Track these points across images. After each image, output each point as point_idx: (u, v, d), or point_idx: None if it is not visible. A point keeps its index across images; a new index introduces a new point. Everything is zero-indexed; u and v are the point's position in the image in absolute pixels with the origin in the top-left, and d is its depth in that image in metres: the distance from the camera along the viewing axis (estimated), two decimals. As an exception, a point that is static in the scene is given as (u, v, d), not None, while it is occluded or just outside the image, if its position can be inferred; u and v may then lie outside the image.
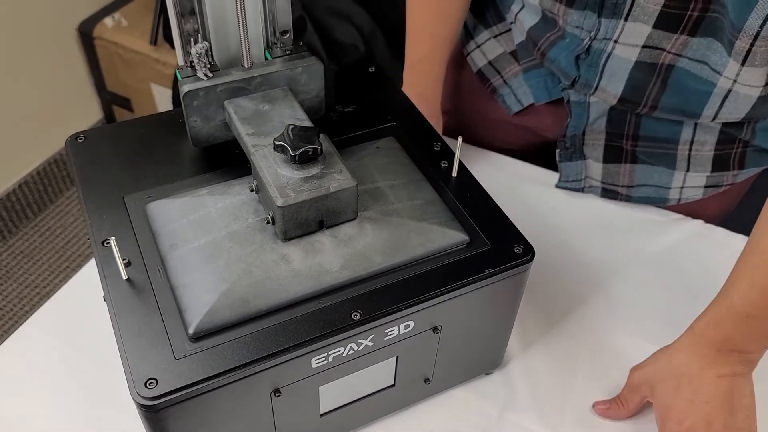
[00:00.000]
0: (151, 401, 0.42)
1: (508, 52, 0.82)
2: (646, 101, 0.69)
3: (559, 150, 0.79)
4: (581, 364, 0.65)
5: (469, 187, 0.58)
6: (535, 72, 0.79)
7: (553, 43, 0.71)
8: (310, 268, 0.49)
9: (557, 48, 0.71)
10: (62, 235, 1.73)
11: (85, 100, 1.84)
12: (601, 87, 0.70)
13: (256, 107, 0.54)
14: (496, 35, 0.83)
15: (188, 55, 0.53)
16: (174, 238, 0.50)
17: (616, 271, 0.73)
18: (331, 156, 0.51)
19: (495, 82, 0.83)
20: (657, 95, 0.68)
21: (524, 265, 0.52)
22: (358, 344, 0.49)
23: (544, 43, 0.72)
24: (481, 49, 0.84)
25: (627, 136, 0.75)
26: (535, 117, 0.82)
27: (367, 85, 0.68)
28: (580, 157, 0.79)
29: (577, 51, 0.69)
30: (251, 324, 0.47)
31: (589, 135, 0.77)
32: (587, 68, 0.69)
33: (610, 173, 0.78)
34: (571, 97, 0.75)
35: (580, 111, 0.75)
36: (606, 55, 0.67)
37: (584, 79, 0.70)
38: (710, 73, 0.64)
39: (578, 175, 0.80)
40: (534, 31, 0.74)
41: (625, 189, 0.79)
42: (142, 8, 1.76)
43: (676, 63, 0.65)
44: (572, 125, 0.77)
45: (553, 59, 0.72)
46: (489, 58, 0.83)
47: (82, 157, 0.58)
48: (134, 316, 0.47)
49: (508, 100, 0.82)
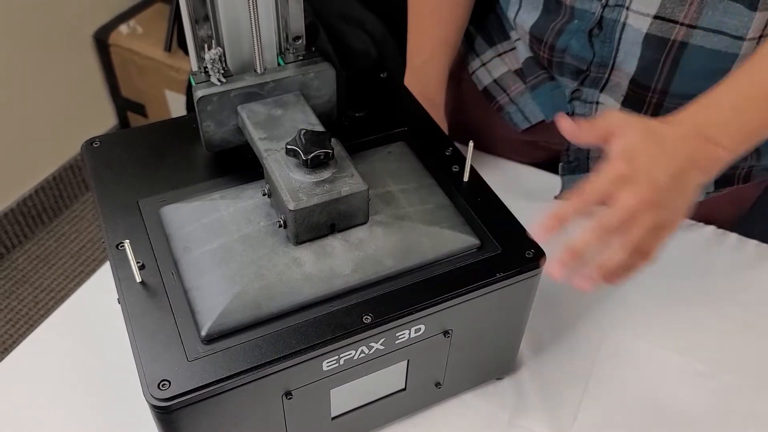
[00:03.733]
0: (164, 402, 0.43)
1: (512, 70, 0.82)
2: (657, 84, 0.67)
3: (562, 164, 0.79)
4: (592, 370, 0.65)
5: (480, 191, 0.58)
6: (542, 89, 0.78)
7: (561, 31, 0.70)
8: (322, 271, 0.49)
9: (566, 35, 0.70)
10: (77, 240, 1.74)
11: (100, 106, 1.86)
12: (617, 65, 0.68)
13: (269, 112, 0.55)
14: (500, 54, 0.83)
15: (202, 60, 0.54)
16: (187, 242, 0.51)
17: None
18: (342, 160, 0.51)
19: (501, 100, 0.83)
20: (668, 77, 0.66)
21: (535, 269, 0.52)
22: (369, 347, 0.49)
23: (550, 34, 0.71)
24: (486, 68, 0.84)
25: None
26: (544, 131, 0.82)
27: (378, 90, 0.68)
28: (584, 171, 0.78)
29: (589, 26, 0.67)
30: (263, 327, 0.47)
31: (595, 150, 0.76)
32: (602, 45, 0.67)
33: None
34: (576, 110, 0.74)
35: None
36: (620, 27, 0.65)
37: (599, 58, 0.68)
38: (729, 42, 0.61)
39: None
40: (537, 28, 0.72)
41: None
42: (157, 16, 1.78)
43: (689, 39, 0.62)
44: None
45: (563, 48, 0.71)
46: (494, 77, 0.83)
47: (97, 162, 0.59)
48: (148, 319, 0.47)
49: (515, 117, 0.82)
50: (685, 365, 0.66)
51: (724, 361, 0.66)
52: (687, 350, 0.67)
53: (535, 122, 0.81)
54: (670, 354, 0.66)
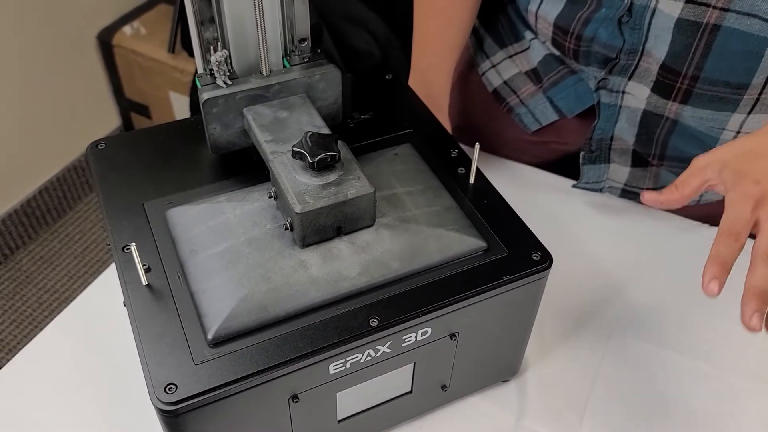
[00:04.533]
0: (171, 406, 0.43)
1: (523, 72, 0.81)
2: (688, 70, 0.66)
3: (583, 153, 0.79)
4: (599, 372, 0.65)
5: (486, 193, 0.58)
6: (563, 84, 0.78)
7: (588, 20, 0.69)
8: (328, 274, 0.49)
9: (593, 23, 0.69)
10: (81, 240, 1.74)
11: (103, 108, 1.86)
12: (647, 51, 0.67)
13: (275, 114, 0.55)
14: (511, 55, 0.82)
15: (208, 62, 0.53)
16: (193, 244, 0.51)
17: (635, 278, 0.73)
18: (349, 163, 0.51)
19: (511, 101, 0.83)
20: (700, 62, 0.64)
21: (542, 272, 0.52)
22: (376, 350, 0.49)
23: (577, 24, 0.70)
24: (496, 69, 0.84)
25: (654, 155, 0.74)
26: (554, 132, 0.82)
27: (384, 92, 0.68)
28: (605, 161, 0.78)
29: (619, 13, 0.66)
30: (269, 330, 0.47)
31: (617, 141, 0.76)
32: (631, 32, 0.67)
33: (636, 177, 0.78)
34: (602, 99, 0.73)
35: (609, 114, 0.74)
36: (650, 12, 0.64)
37: (629, 45, 0.68)
38: (762, 26, 0.60)
39: (599, 177, 0.79)
40: (562, 18, 0.71)
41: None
42: (161, 17, 1.78)
43: (722, 22, 0.61)
44: (600, 128, 0.76)
45: (591, 36, 0.70)
46: (504, 78, 0.83)
47: (103, 164, 0.59)
48: (154, 322, 0.47)
49: (526, 119, 0.82)
50: (692, 366, 0.65)
51: (731, 362, 0.66)
52: (694, 351, 0.66)
53: (545, 124, 0.81)
54: (677, 355, 0.66)
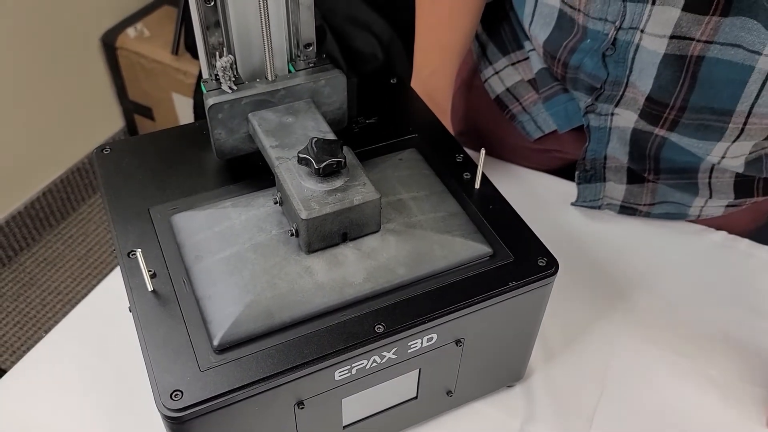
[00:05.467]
0: (177, 413, 0.43)
1: (526, 80, 0.81)
2: (675, 102, 0.66)
3: (578, 172, 0.79)
4: (604, 377, 0.65)
5: (492, 199, 0.58)
6: (555, 100, 0.78)
7: (573, 49, 0.70)
8: (334, 280, 0.49)
9: (579, 53, 0.69)
10: (84, 242, 1.75)
11: (107, 110, 1.86)
12: (631, 83, 0.67)
13: (280, 119, 0.55)
14: (514, 63, 0.82)
15: (213, 68, 0.53)
16: (199, 250, 0.51)
17: (639, 283, 0.73)
18: (354, 168, 0.51)
19: (514, 109, 0.83)
20: (686, 94, 0.64)
21: (548, 277, 0.52)
22: (382, 357, 0.49)
23: (563, 52, 0.71)
24: (499, 76, 0.83)
25: (648, 170, 0.74)
26: (557, 141, 0.82)
27: (388, 96, 0.68)
28: (600, 180, 0.78)
29: (603, 47, 0.66)
30: (275, 336, 0.47)
31: (611, 159, 0.76)
32: (615, 65, 0.67)
33: (633, 193, 0.78)
34: (591, 122, 0.73)
35: (600, 135, 0.74)
36: (634, 48, 0.64)
37: (613, 77, 0.68)
38: (746, 56, 0.60)
39: (596, 195, 0.79)
40: (550, 43, 0.72)
41: (645, 207, 0.78)
42: (164, 19, 1.78)
43: (706, 53, 0.61)
44: (591, 149, 0.76)
45: (577, 65, 0.70)
46: (507, 85, 0.83)
47: (108, 169, 0.59)
48: (159, 328, 0.47)
49: (528, 126, 0.82)
50: (699, 373, 0.65)
51: (739, 368, 0.65)
52: (700, 356, 0.66)
53: (548, 132, 0.80)
54: (684, 360, 0.66)
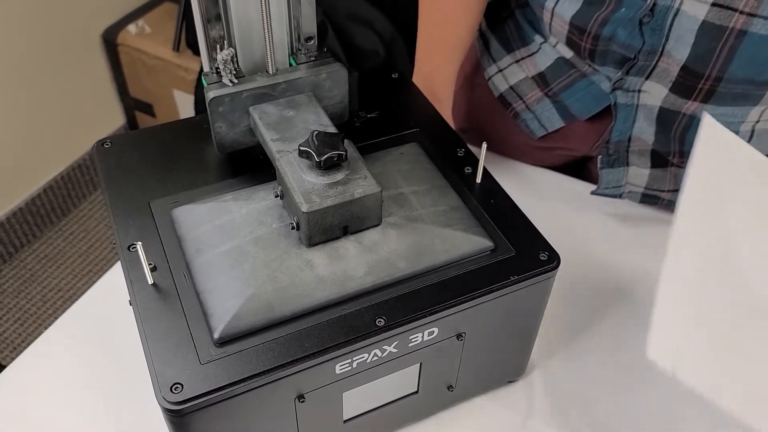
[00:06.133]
0: (177, 406, 0.43)
1: (530, 77, 0.81)
2: (711, 71, 0.64)
3: (600, 157, 0.77)
4: (606, 373, 0.65)
5: (493, 193, 0.58)
6: (575, 87, 0.77)
7: (605, 21, 0.68)
8: (335, 273, 0.49)
9: (612, 24, 0.68)
10: (85, 239, 1.75)
11: (108, 106, 1.86)
12: (666, 52, 0.66)
13: (281, 113, 0.54)
14: (518, 60, 0.82)
15: (214, 61, 0.53)
16: (199, 244, 0.51)
17: (642, 279, 0.73)
18: (355, 162, 0.51)
19: (517, 107, 0.82)
20: (724, 64, 0.63)
21: (550, 272, 0.52)
22: (382, 350, 0.49)
23: (594, 25, 0.69)
24: (502, 74, 0.83)
25: (673, 153, 0.73)
26: (560, 138, 0.81)
27: (390, 91, 0.68)
28: (623, 164, 0.77)
29: (640, 14, 0.64)
30: (276, 329, 0.47)
31: (636, 141, 0.75)
32: (651, 32, 0.65)
33: (656, 179, 0.76)
34: (618, 99, 0.72)
35: (626, 114, 0.73)
36: (673, 13, 0.63)
37: (649, 45, 0.66)
38: None
39: (618, 182, 0.78)
40: (579, 17, 0.70)
41: (668, 194, 0.77)
42: (165, 15, 1.78)
43: (748, 28, 0.59)
44: (617, 129, 0.74)
45: (609, 36, 0.68)
46: (511, 83, 0.82)
47: (109, 163, 0.59)
48: (160, 321, 0.47)
49: (532, 124, 0.82)
50: (700, 368, 0.65)
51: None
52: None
53: (551, 130, 0.80)
54: (684, 357, 0.66)
